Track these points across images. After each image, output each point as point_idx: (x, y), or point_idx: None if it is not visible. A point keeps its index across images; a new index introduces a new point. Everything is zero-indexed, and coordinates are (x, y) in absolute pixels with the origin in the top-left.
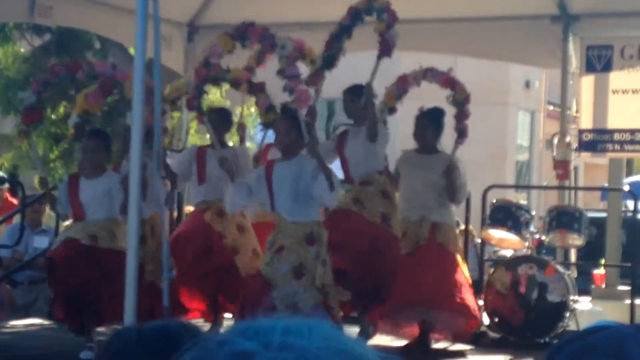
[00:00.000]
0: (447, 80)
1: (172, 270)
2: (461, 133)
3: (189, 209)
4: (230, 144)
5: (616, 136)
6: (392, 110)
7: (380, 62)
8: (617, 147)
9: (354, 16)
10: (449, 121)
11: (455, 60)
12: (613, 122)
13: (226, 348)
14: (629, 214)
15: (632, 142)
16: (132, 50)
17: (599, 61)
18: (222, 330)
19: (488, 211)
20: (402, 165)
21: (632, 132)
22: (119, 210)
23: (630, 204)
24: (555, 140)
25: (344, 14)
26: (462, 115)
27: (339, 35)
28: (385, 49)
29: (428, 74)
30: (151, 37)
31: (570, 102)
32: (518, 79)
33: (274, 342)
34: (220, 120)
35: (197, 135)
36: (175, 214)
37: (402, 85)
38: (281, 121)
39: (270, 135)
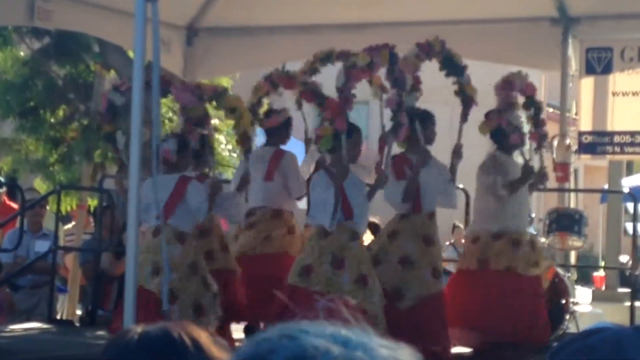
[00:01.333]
0: (529, 87)
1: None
2: (540, 142)
3: None
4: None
5: (616, 138)
6: None
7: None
8: (617, 149)
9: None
10: None
11: None
12: (613, 124)
13: (295, 342)
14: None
15: (632, 144)
16: (131, 54)
17: (598, 63)
18: (276, 329)
19: None
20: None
21: (632, 134)
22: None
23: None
24: (555, 143)
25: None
26: (539, 123)
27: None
28: (469, 104)
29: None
30: (150, 41)
31: (570, 105)
32: None
33: (339, 339)
34: None
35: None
36: None
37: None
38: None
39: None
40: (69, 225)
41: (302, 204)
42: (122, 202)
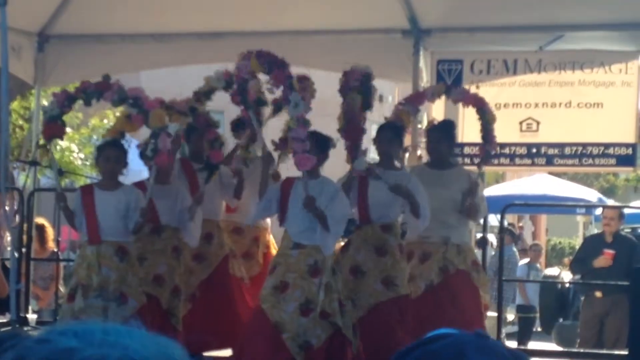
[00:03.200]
0: (476, 99)
1: (20, 283)
2: (487, 155)
3: (38, 221)
4: None
5: (466, 150)
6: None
7: None
8: (467, 160)
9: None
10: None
11: (309, 73)
12: (463, 135)
13: (47, 346)
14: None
15: None
16: None
17: (449, 75)
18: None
19: None
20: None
21: None
22: (132, 229)
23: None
24: (407, 154)
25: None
26: (489, 136)
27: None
28: None
29: (452, 91)
30: None
31: (421, 117)
32: None
33: (96, 340)
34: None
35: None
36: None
37: (417, 103)
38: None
39: None
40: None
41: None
42: None
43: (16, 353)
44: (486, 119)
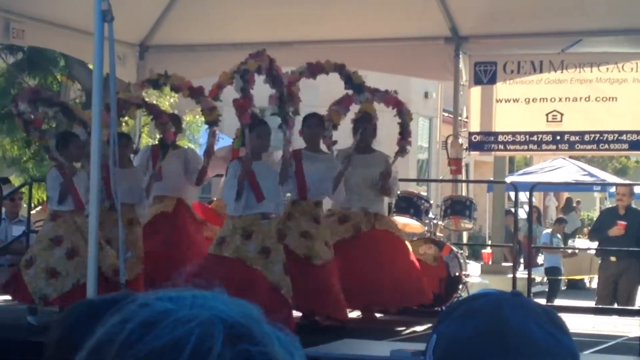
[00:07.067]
0: (393, 101)
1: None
2: (403, 149)
3: None
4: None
5: (500, 137)
6: (335, 126)
7: None
8: (500, 147)
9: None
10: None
11: (366, 75)
12: (497, 125)
13: (147, 309)
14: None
15: (513, 142)
16: (92, 66)
17: (485, 75)
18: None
19: (394, 201)
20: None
21: (513, 134)
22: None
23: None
24: (449, 142)
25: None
26: (405, 133)
27: None
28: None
29: (375, 94)
30: (107, 56)
31: (462, 110)
32: (418, 91)
33: (187, 303)
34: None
35: (146, 138)
36: None
37: (347, 105)
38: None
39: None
40: (33, 212)
41: None
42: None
43: (122, 315)
44: (404, 118)
